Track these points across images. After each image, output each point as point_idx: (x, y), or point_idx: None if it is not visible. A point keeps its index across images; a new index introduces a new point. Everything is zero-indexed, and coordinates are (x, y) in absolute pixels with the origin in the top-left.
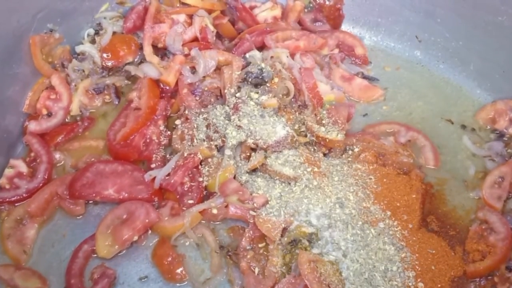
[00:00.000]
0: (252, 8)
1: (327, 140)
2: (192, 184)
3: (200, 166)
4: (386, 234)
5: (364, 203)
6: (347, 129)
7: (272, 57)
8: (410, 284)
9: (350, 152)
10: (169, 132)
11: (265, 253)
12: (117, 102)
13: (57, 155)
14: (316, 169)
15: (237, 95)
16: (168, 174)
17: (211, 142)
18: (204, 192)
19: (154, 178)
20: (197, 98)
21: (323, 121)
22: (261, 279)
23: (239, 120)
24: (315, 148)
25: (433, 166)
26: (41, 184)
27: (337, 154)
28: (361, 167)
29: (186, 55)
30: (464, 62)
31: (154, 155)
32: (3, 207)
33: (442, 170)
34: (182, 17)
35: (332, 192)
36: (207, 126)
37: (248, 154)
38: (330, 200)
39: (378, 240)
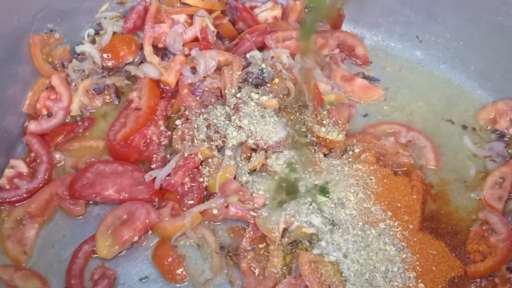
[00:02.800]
0: (252, 8)
1: (328, 140)
2: (193, 184)
3: (200, 167)
4: (386, 234)
5: (364, 204)
6: (347, 129)
7: (272, 57)
8: (410, 284)
9: (350, 152)
10: (169, 133)
11: (266, 253)
12: (117, 102)
13: (57, 156)
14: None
15: (238, 95)
16: (169, 175)
17: (212, 143)
18: (205, 193)
19: (154, 179)
20: (198, 98)
21: (324, 122)
22: (262, 280)
23: (239, 120)
24: (316, 148)
25: (434, 166)
26: (41, 185)
27: (338, 154)
28: (362, 168)
29: (187, 55)
30: (465, 63)
31: (154, 156)
32: (3, 207)
33: (443, 170)
34: (182, 17)
35: (333, 193)
36: (208, 127)
37: (249, 154)
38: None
39: (379, 241)
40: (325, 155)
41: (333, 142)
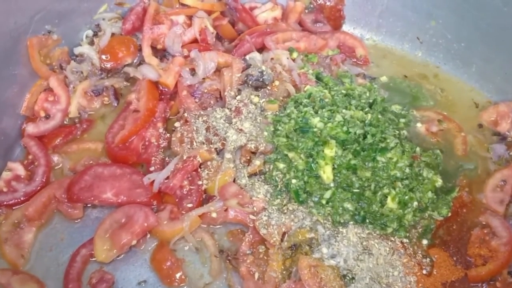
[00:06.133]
0: (252, 9)
1: None
2: (191, 187)
3: (199, 169)
4: (387, 239)
5: None
6: None
7: (272, 58)
8: None
9: None
10: (168, 135)
11: (265, 257)
12: (115, 104)
13: (55, 158)
14: None
15: (238, 98)
16: (167, 177)
17: (211, 145)
18: (204, 196)
19: (153, 182)
20: (197, 100)
21: None
22: (261, 284)
23: (240, 123)
24: None
25: (461, 154)
26: (39, 187)
27: None
28: None
29: (186, 57)
30: (466, 64)
31: (153, 158)
32: (0, 210)
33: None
34: (181, 18)
35: None
36: (207, 129)
37: (248, 157)
38: None
39: (379, 245)
40: None
41: None
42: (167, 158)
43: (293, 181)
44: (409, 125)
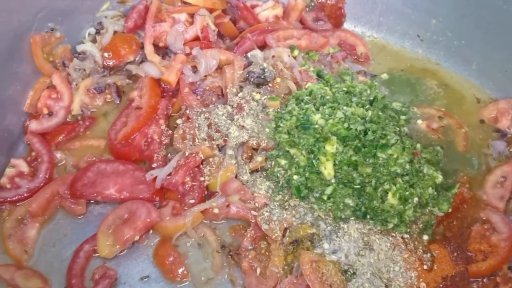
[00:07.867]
0: (253, 7)
1: None
2: (194, 183)
3: (201, 166)
4: (388, 235)
5: None
6: None
7: (273, 56)
8: (412, 284)
9: None
10: (170, 132)
11: (267, 253)
12: (118, 102)
13: (58, 155)
14: None
15: (240, 95)
16: (170, 174)
17: (213, 142)
18: (206, 192)
19: (155, 178)
20: (199, 97)
21: None
22: (263, 279)
23: (242, 120)
24: None
25: (461, 151)
26: (42, 184)
27: None
28: None
29: (188, 54)
30: (466, 61)
31: (155, 155)
32: (4, 206)
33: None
34: (183, 16)
35: None
36: (209, 126)
37: (250, 154)
38: None
39: (380, 241)
40: None
41: None
42: (169, 155)
43: (295, 177)
44: (410, 122)
